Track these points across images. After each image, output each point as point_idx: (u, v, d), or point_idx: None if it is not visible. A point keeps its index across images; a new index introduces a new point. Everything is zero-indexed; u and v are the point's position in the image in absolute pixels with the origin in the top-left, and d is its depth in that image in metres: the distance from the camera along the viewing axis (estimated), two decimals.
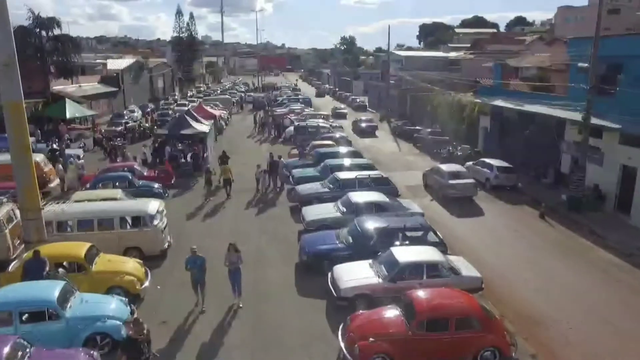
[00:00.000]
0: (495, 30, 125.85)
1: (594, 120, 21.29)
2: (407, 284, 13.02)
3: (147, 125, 42.65)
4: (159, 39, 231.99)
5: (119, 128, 40.48)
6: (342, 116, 56.58)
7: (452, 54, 69.88)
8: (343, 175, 22.24)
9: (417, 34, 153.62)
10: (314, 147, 29.81)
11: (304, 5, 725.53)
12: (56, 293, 10.68)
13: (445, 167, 25.22)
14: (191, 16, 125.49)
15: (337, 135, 35.09)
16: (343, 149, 28.73)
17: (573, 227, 20.67)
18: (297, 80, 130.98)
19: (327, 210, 19.10)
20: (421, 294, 11.59)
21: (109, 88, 58.58)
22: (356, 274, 13.61)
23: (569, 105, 24.37)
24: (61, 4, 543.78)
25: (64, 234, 15.30)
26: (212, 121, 35.28)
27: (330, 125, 40.76)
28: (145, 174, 24.48)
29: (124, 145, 33.35)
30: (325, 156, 26.86)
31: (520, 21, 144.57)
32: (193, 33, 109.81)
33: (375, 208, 18.57)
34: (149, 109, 58.47)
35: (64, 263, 13.08)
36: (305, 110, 51.00)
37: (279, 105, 58.60)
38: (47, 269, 12.01)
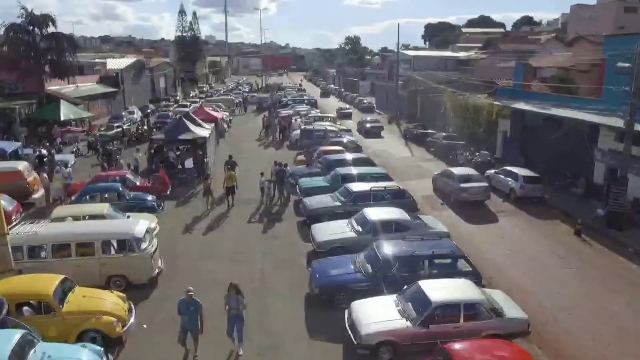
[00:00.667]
0: (503, 30, 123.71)
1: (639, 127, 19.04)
2: (441, 328, 10.85)
3: (145, 128, 40.50)
4: (163, 39, 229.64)
5: (112, 132, 38.12)
6: (347, 116, 55.79)
7: (462, 54, 67.68)
8: (356, 187, 20.05)
9: (422, 33, 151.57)
10: (322, 154, 27.66)
11: (307, 5, 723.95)
12: (8, 349, 8.50)
13: (455, 170, 24.30)
14: (194, 15, 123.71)
15: (346, 139, 32.90)
16: (353, 156, 26.56)
17: (615, 247, 18.35)
18: (301, 80, 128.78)
19: (340, 229, 16.89)
20: (462, 348, 9.38)
21: (108, 88, 56.61)
22: (379, 315, 11.39)
23: (602, 109, 22.16)
24: (66, 3, 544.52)
25: (36, 261, 13.16)
26: (213, 124, 33.10)
27: (338, 128, 38.59)
28: (138, 183, 22.31)
29: (119, 150, 31.28)
30: (334, 164, 24.73)
31: (527, 21, 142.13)
32: (196, 32, 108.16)
33: (395, 227, 16.41)
34: (148, 110, 56.38)
35: (30, 302, 10.94)
36: (311, 112, 48.73)
37: (284, 106, 56.43)
38: (4, 312, 9.84)
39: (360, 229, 16.50)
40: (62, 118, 37.97)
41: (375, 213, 17.02)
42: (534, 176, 23.89)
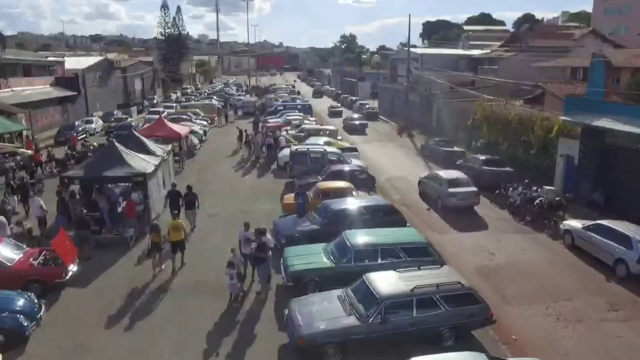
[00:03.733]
0: (504, 27, 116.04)
1: None
2: None
3: (93, 144, 31.52)
4: (155, 38, 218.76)
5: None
6: (338, 114, 55.16)
7: (475, 52, 59.14)
8: (385, 283, 11.21)
9: (420, 32, 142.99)
10: (320, 194, 18.96)
11: (301, 4, 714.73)
12: None
13: (443, 174, 22.55)
14: (178, 10, 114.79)
15: (354, 166, 24.06)
16: (368, 203, 17.76)
17: None
18: (295, 81, 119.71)
19: None
20: None
21: (66, 92, 47.62)
22: None
23: None
24: (59, 2, 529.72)
25: None
26: (171, 146, 24.26)
27: (339, 145, 29.80)
28: (19, 257, 13.47)
29: (35, 183, 22.49)
30: (340, 217, 16.12)
31: (528, 19, 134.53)
32: (180, 29, 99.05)
33: None
34: (113, 118, 47.31)
35: None
36: (306, 121, 39.77)
37: (271, 113, 47.59)
38: None
39: None
40: None
41: None
42: None
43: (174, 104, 58.00)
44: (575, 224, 17.42)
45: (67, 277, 13.46)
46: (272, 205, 21.19)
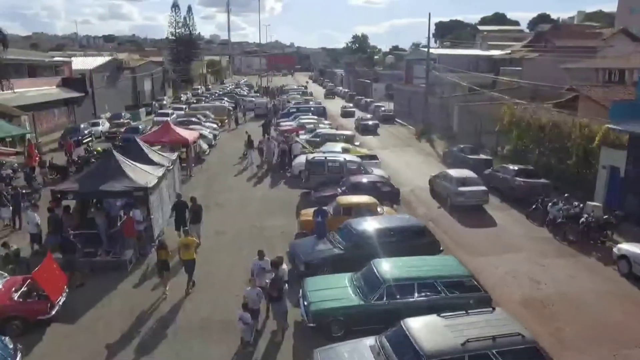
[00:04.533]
0: (519, 27, 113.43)
1: None
2: None
3: (97, 149, 29.83)
4: (167, 38, 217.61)
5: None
6: (350, 115, 54.77)
7: (495, 53, 56.83)
8: (429, 334, 9.14)
9: (433, 32, 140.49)
10: (341, 210, 17.02)
11: (312, 5, 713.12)
12: None
13: (453, 172, 22.62)
14: (189, 10, 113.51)
15: (376, 177, 22.05)
16: (398, 223, 15.73)
17: None
18: (306, 82, 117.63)
19: None
20: None
21: (72, 93, 46.14)
22: None
23: None
24: (73, 3, 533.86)
25: None
26: (177, 154, 22.46)
27: (358, 152, 27.82)
28: None
29: (29, 194, 20.79)
30: (366, 240, 14.19)
31: (544, 19, 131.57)
32: (191, 29, 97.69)
33: None
34: (121, 120, 45.78)
35: None
36: (320, 125, 37.79)
37: (284, 116, 45.72)
38: None
39: None
40: None
41: None
42: None
43: (184, 106, 56.37)
44: (633, 248, 15.28)
45: (53, 313, 11.64)
46: (286, 220, 19.30)
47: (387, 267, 12.05)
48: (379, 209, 17.34)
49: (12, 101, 35.35)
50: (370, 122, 45.80)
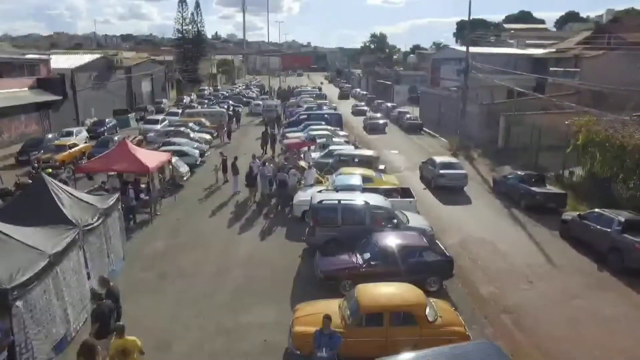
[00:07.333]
0: (544, 25, 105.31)
1: None
2: None
3: (48, 170, 22.91)
4: (175, 36, 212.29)
5: None
6: (362, 113, 53.56)
7: (536, 51, 48.95)
8: None
9: (455, 31, 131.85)
10: (364, 319, 9.77)
11: (330, 4, 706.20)
12: None
13: (437, 158, 24.88)
14: (197, 5, 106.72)
15: (416, 237, 14.16)
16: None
17: None
18: (322, 83, 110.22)
19: None
20: None
21: (47, 96, 39.65)
22: None
23: None
24: (94, 3, 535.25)
25: None
26: (117, 196, 15.32)
27: (384, 183, 20.53)
28: None
29: None
30: None
31: (572, 17, 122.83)
32: (199, 26, 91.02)
33: None
34: (103, 128, 39.15)
35: None
36: (335, 139, 30.35)
37: (292, 124, 38.55)
38: None
39: None
40: None
41: None
42: None
43: (179, 111, 49.50)
44: None
45: None
46: (275, 313, 11.98)
47: None
48: (428, 310, 10.01)
49: None
50: (380, 122, 45.17)
